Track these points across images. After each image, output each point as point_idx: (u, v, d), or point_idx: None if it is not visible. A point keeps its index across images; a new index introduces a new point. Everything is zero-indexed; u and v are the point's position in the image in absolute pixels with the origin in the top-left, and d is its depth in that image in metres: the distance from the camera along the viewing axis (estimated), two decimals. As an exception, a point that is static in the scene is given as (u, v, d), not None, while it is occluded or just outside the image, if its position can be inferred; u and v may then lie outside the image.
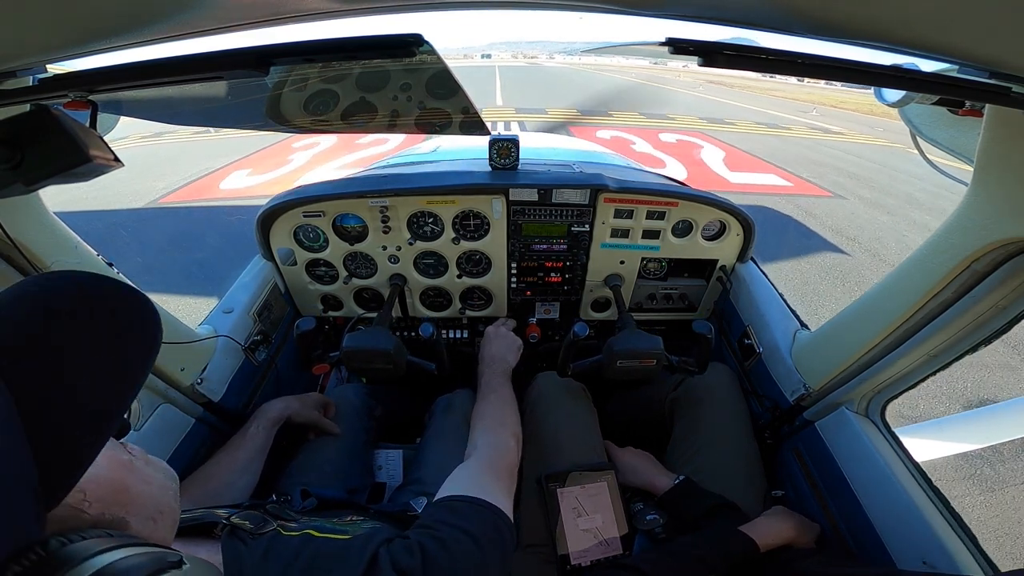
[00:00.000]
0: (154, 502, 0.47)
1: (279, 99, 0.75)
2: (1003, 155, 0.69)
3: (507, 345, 1.38)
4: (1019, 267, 0.73)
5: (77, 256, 0.92)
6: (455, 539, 0.61)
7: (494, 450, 0.91)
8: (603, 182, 1.36)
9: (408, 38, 0.43)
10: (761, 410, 1.29)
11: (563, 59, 64.72)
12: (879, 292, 0.98)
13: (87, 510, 0.39)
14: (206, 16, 0.45)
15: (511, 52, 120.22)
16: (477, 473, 0.83)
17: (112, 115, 0.78)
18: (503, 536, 0.68)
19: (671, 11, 0.46)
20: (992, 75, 0.50)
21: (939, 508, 0.86)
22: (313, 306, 1.62)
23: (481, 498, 0.72)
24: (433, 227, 1.46)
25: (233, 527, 0.58)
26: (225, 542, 0.55)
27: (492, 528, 0.68)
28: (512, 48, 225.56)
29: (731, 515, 1.00)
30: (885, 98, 0.78)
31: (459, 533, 0.62)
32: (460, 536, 0.62)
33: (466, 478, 0.80)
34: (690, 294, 1.64)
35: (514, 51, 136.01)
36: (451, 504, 0.71)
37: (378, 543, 0.58)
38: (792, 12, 0.42)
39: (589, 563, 1.00)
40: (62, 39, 0.46)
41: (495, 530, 0.68)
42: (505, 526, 0.70)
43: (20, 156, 0.59)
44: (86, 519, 0.39)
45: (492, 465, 0.87)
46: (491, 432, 0.98)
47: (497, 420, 1.04)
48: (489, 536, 0.65)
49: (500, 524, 0.69)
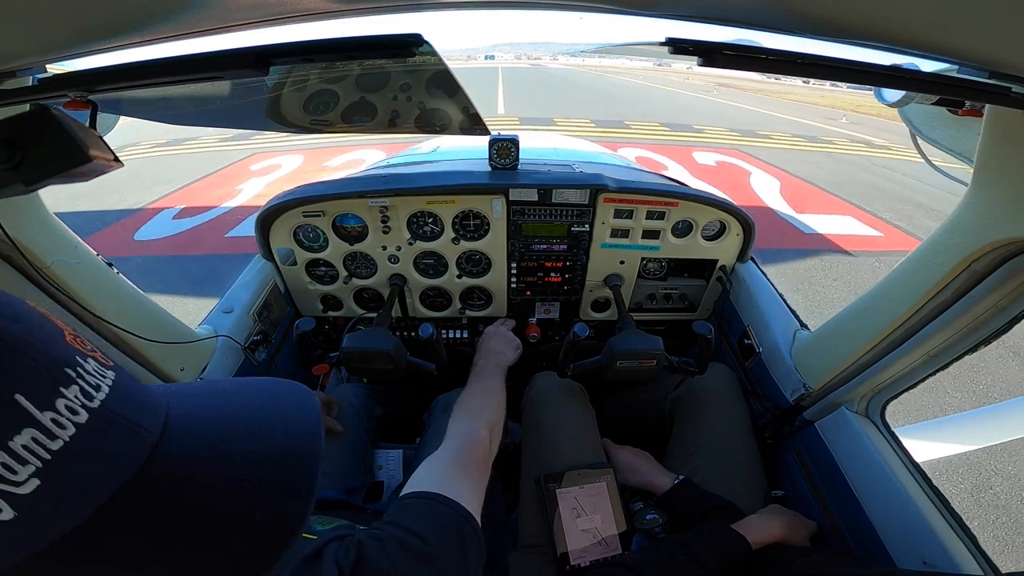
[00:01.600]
0: None
1: (279, 99, 0.75)
2: (1003, 155, 0.69)
3: (506, 342, 1.38)
4: (1019, 267, 0.73)
5: (77, 256, 0.92)
6: (396, 538, 0.58)
7: (463, 441, 0.88)
8: (603, 182, 1.36)
9: (408, 38, 0.43)
10: (761, 410, 1.28)
11: (566, 60, 64.49)
12: (879, 292, 0.98)
13: None
14: (206, 16, 0.45)
15: (515, 53, 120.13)
16: (441, 467, 0.79)
17: (112, 115, 0.78)
18: (462, 533, 0.64)
19: (671, 11, 0.46)
20: (992, 75, 0.50)
21: (939, 508, 0.86)
22: (313, 306, 1.62)
23: (440, 494, 0.68)
24: (433, 227, 1.46)
25: None
26: None
27: (448, 525, 0.64)
28: (516, 49, 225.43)
29: (729, 515, 1.00)
30: (885, 98, 0.78)
31: (403, 532, 0.59)
32: (403, 535, 0.59)
33: (428, 473, 0.77)
34: (690, 294, 1.64)
35: (517, 52, 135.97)
36: (406, 502, 0.68)
37: (329, 538, 0.57)
38: (792, 12, 0.42)
39: (588, 563, 1.00)
40: (62, 39, 0.46)
41: (451, 527, 0.64)
42: (466, 521, 0.66)
43: (20, 156, 0.59)
44: None
45: (458, 458, 0.83)
46: (464, 422, 0.95)
47: (473, 409, 1.00)
48: (442, 534, 0.62)
49: (459, 520, 0.66)
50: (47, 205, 0.87)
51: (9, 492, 0.25)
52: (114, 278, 1.01)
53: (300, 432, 0.38)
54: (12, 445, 0.25)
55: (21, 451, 0.26)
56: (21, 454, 0.26)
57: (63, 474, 0.27)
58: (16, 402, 0.26)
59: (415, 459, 1.26)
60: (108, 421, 0.30)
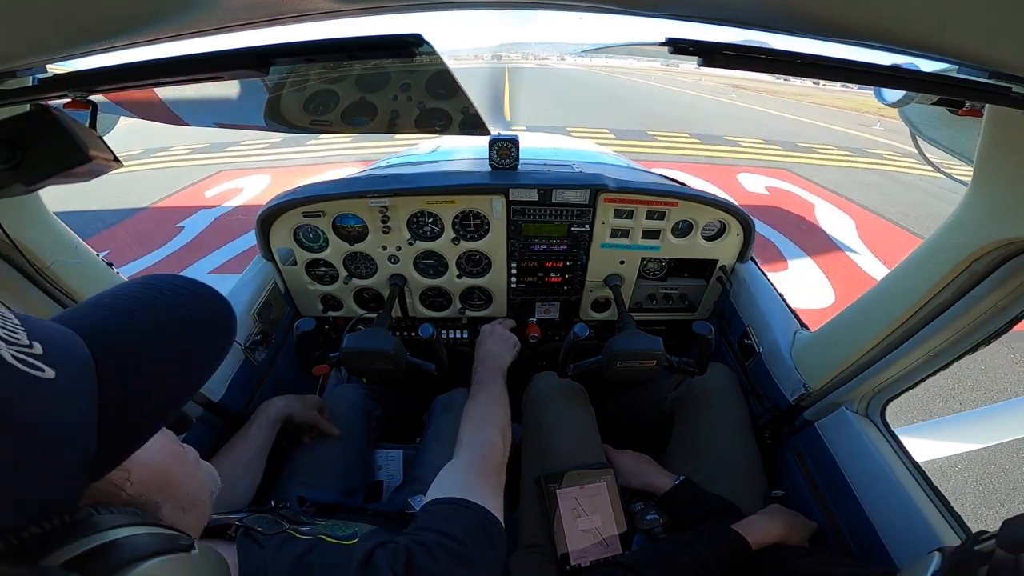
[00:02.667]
0: (191, 495, 0.49)
1: (279, 99, 0.75)
2: (1003, 155, 0.69)
3: (503, 342, 1.38)
4: (1019, 267, 0.73)
5: (77, 256, 0.92)
6: (439, 544, 0.61)
7: (479, 449, 0.90)
8: (603, 182, 1.36)
9: (408, 38, 0.43)
10: (761, 410, 1.28)
11: (574, 60, 63.90)
12: (879, 292, 0.98)
13: (127, 489, 0.40)
14: (206, 16, 0.45)
15: (521, 53, 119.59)
16: (461, 474, 0.82)
17: (112, 115, 0.78)
18: (490, 535, 0.68)
19: (671, 11, 0.46)
20: (992, 75, 0.50)
21: (939, 508, 0.86)
22: (313, 306, 1.62)
23: (465, 499, 0.71)
24: (433, 227, 1.46)
25: (247, 528, 0.59)
26: (240, 541, 0.56)
27: (477, 528, 0.67)
28: (522, 49, 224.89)
29: (729, 515, 1.00)
30: (885, 98, 0.78)
31: (441, 536, 0.62)
32: (444, 540, 0.62)
33: (450, 480, 0.80)
34: (690, 294, 1.64)
35: (524, 52, 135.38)
36: (435, 509, 0.71)
37: (375, 543, 0.59)
38: (792, 12, 0.42)
39: (588, 563, 1.00)
40: (62, 39, 0.46)
41: (481, 530, 0.67)
42: (492, 525, 0.70)
43: (20, 156, 0.59)
44: (123, 497, 0.40)
45: (476, 464, 0.86)
46: (476, 430, 0.97)
47: (483, 417, 1.03)
48: (475, 537, 0.65)
49: (486, 524, 0.69)
50: (47, 205, 0.88)
51: (33, 353, 0.30)
52: (115, 278, 1.01)
53: None
54: None
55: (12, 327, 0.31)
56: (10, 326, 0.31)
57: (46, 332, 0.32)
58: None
59: (416, 459, 1.26)
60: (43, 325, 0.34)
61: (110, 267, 1.01)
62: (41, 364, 0.30)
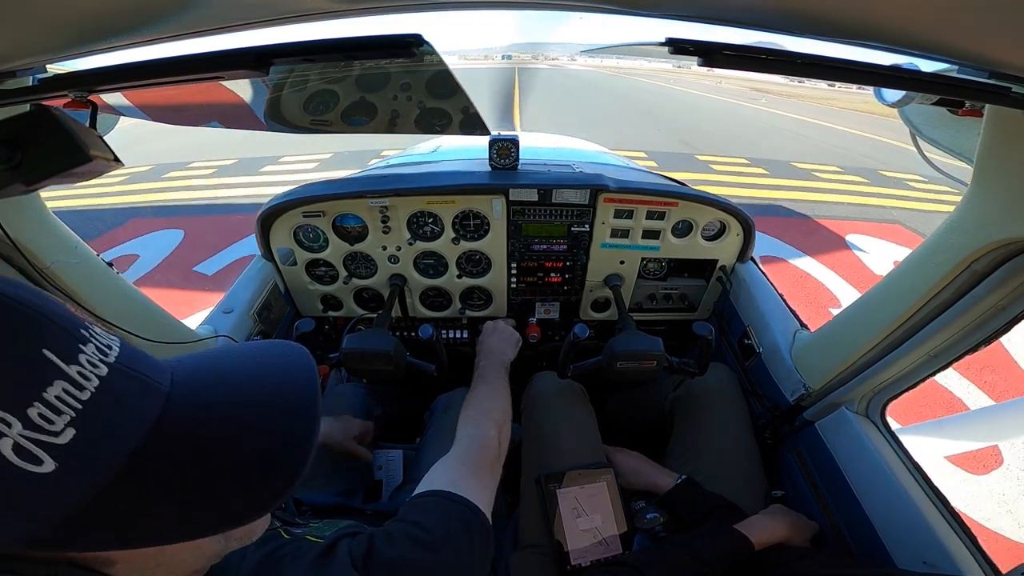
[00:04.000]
0: (166, 560, 0.37)
1: (279, 99, 0.75)
2: (1003, 155, 0.69)
3: (506, 338, 1.38)
4: (1019, 267, 0.73)
5: (77, 256, 0.92)
6: (403, 532, 0.61)
7: (472, 442, 0.90)
8: (603, 182, 1.36)
9: (408, 38, 0.43)
10: (761, 410, 1.28)
11: (585, 61, 63.05)
12: (879, 292, 0.98)
13: (107, 571, 0.33)
14: (206, 16, 0.45)
15: (531, 54, 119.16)
16: (451, 468, 0.82)
17: (112, 115, 0.78)
18: (469, 526, 0.67)
19: (671, 11, 0.46)
20: (992, 75, 0.50)
21: (939, 508, 0.86)
22: (313, 306, 1.62)
23: (449, 491, 0.71)
24: (433, 227, 1.46)
25: None
26: None
27: (455, 519, 0.67)
28: (533, 49, 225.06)
29: (731, 515, 1.00)
30: (885, 98, 0.78)
31: (410, 526, 0.62)
32: (410, 528, 0.62)
33: (439, 473, 0.80)
34: (690, 294, 1.64)
35: (534, 52, 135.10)
36: (417, 501, 0.71)
37: (342, 534, 0.60)
38: (792, 12, 0.42)
39: (589, 563, 1.00)
40: (62, 39, 0.46)
41: (459, 521, 0.67)
42: (474, 515, 0.69)
43: (20, 156, 0.59)
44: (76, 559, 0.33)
45: (468, 458, 0.85)
46: (472, 424, 0.97)
47: (481, 411, 1.02)
48: (448, 527, 0.64)
49: (467, 514, 0.68)
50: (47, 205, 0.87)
51: (49, 443, 0.27)
52: (114, 278, 1.01)
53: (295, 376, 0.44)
54: (47, 396, 0.28)
55: (55, 402, 0.28)
56: (56, 404, 0.28)
57: (95, 421, 0.29)
58: (45, 356, 0.28)
59: (416, 459, 1.25)
60: (125, 375, 0.32)
61: (110, 267, 1.01)
62: (44, 456, 0.27)
